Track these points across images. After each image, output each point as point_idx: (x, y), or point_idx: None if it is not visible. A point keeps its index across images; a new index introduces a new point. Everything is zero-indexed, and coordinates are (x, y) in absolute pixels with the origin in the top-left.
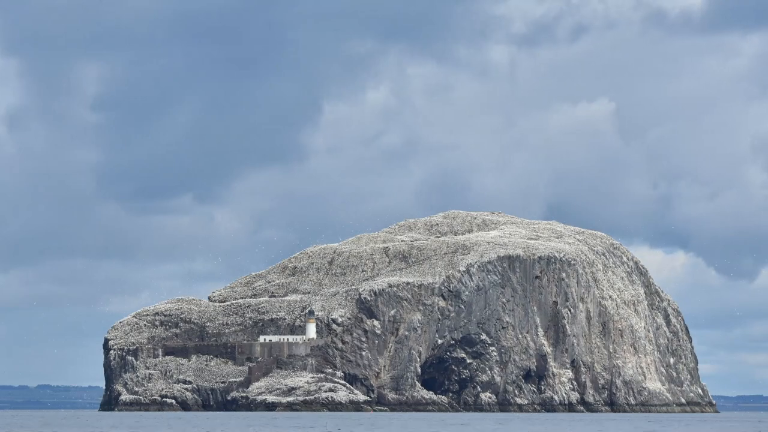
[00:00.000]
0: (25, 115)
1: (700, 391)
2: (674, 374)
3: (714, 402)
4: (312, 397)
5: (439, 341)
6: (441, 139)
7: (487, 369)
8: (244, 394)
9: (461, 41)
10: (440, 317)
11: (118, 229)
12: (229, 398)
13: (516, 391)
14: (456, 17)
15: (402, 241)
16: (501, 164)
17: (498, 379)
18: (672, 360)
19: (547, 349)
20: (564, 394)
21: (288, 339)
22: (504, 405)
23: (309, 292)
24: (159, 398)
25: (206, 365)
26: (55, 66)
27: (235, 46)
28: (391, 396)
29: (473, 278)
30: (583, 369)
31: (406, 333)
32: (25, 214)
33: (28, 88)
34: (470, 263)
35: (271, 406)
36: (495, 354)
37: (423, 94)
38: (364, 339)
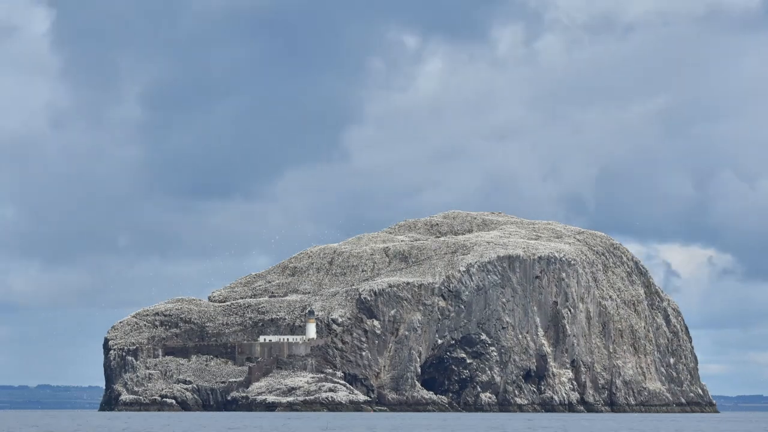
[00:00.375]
0: (71, 112)
1: (700, 391)
2: (674, 374)
3: (714, 402)
4: (312, 397)
5: (439, 341)
6: (485, 137)
7: (487, 369)
8: (244, 394)
9: (507, 37)
10: (440, 317)
11: (162, 227)
12: (229, 398)
13: (516, 391)
14: (501, 12)
15: (402, 241)
16: (544, 164)
17: (498, 379)
18: (672, 360)
19: (547, 349)
20: (564, 394)
21: (288, 339)
22: (504, 405)
23: (309, 292)
24: (159, 398)
25: (206, 365)
26: (100, 62)
27: (279, 43)
28: (391, 396)
29: (473, 278)
30: (583, 369)
31: (406, 333)
32: (67, 212)
33: (73, 84)
34: (470, 263)
35: (271, 406)
36: (495, 354)
37: (467, 91)
38: (364, 339)
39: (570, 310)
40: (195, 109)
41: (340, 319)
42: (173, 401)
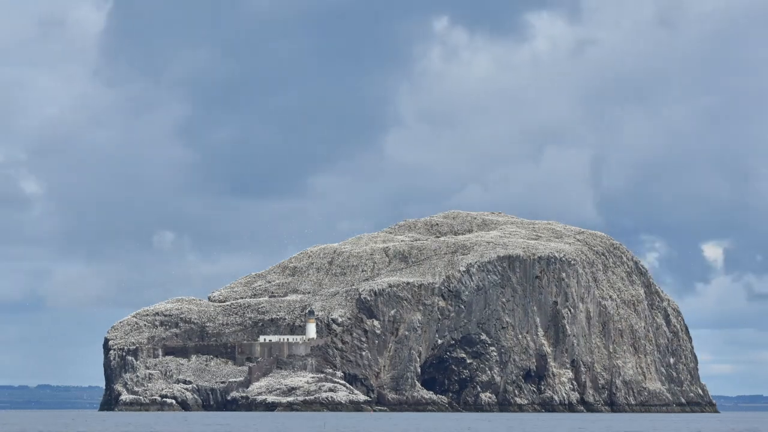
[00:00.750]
0: (115, 108)
1: (700, 391)
2: (674, 374)
3: (714, 402)
4: (312, 397)
5: (439, 341)
6: (527, 135)
7: (487, 369)
8: (244, 394)
9: (551, 33)
10: (440, 317)
11: (207, 225)
12: (229, 398)
13: (516, 391)
14: (546, 7)
15: (402, 241)
16: (586, 165)
17: (498, 379)
18: (672, 360)
19: (547, 349)
20: (564, 394)
21: (288, 339)
22: (504, 405)
23: (309, 292)
24: (159, 398)
25: (206, 365)
26: (146, 59)
27: (322, 41)
28: (391, 396)
29: (473, 278)
30: (583, 369)
31: (406, 333)
32: (111, 209)
33: (120, 79)
34: (470, 263)
35: (271, 406)
36: (495, 354)
37: (510, 88)
38: (364, 339)
39: (570, 310)
40: (238, 106)
41: (340, 319)
42: (173, 401)
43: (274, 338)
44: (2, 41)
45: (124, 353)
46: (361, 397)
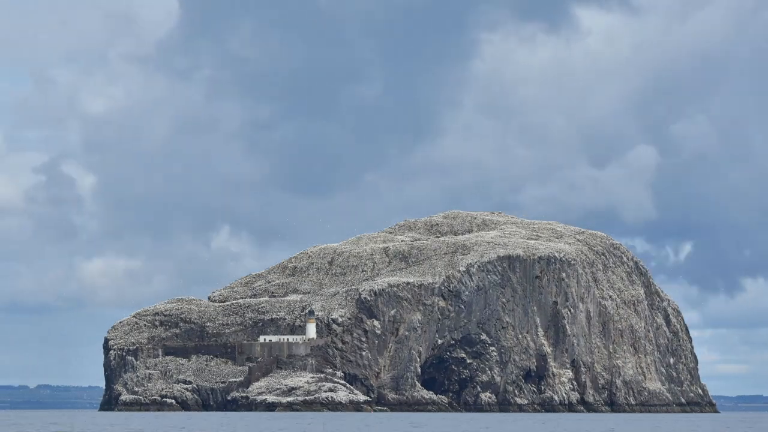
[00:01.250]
0: (174, 103)
1: (700, 391)
2: (674, 374)
3: (714, 402)
4: (312, 397)
5: (439, 341)
6: (585, 139)
7: (487, 369)
8: (244, 394)
9: (604, 29)
10: (440, 317)
11: (263, 219)
12: (229, 398)
13: (516, 391)
14: (597, 3)
15: (402, 241)
16: (644, 164)
17: (498, 379)
18: (672, 360)
19: (547, 349)
20: (564, 394)
21: (288, 339)
22: (504, 405)
23: (309, 292)
24: (159, 398)
25: (206, 365)
26: (208, 53)
27: (386, 38)
28: (391, 396)
29: (473, 278)
30: (583, 369)
31: (406, 333)
32: (168, 205)
33: (180, 73)
34: (470, 263)
35: (271, 406)
36: (495, 354)
37: (563, 85)
38: (364, 339)
39: (570, 310)
40: (296, 104)
41: (340, 319)
42: (173, 401)
43: (274, 338)
44: (64, 36)
45: (124, 353)
46: (361, 397)
